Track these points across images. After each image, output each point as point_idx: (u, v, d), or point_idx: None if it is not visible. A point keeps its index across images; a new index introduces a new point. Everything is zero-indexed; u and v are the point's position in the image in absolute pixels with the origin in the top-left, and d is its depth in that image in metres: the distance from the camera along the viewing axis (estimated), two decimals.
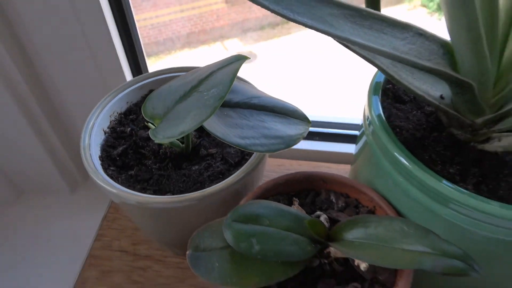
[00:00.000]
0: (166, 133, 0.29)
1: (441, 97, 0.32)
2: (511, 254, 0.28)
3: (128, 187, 0.34)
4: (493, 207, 0.25)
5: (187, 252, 0.28)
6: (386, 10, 0.29)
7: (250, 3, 0.22)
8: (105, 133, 0.39)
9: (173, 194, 0.34)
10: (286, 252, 0.26)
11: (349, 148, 0.56)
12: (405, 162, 0.29)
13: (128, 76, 0.52)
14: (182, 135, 0.28)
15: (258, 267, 0.26)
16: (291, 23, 0.23)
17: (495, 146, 0.31)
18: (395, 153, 0.29)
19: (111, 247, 0.45)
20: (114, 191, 0.32)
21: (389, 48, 0.27)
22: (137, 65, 0.53)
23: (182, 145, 0.36)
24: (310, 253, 0.26)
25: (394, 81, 0.30)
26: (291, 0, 0.24)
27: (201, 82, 0.30)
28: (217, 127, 0.30)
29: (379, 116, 0.32)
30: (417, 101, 0.37)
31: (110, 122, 0.40)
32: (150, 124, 0.35)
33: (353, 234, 0.26)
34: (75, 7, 0.43)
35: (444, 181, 0.27)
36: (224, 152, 0.37)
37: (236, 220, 0.27)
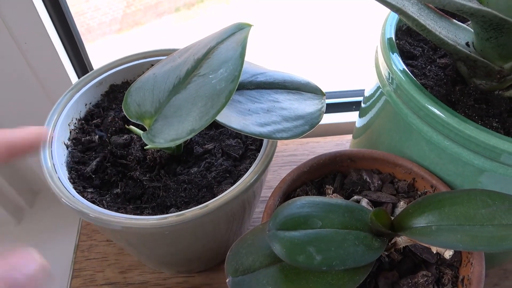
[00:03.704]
0: (168, 134, 0.22)
1: (467, 44, 0.29)
2: None
3: (118, 210, 0.27)
4: None
5: (227, 280, 0.22)
6: None
7: None
8: (67, 147, 0.30)
9: (178, 208, 0.28)
10: (353, 255, 0.21)
11: (332, 119, 0.52)
12: (450, 120, 0.25)
13: (71, 72, 0.43)
14: (192, 135, 0.22)
15: (321, 280, 0.21)
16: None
17: None
18: (437, 111, 0.25)
19: (95, 281, 0.37)
20: (114, 220, 0.24)
21: None
22: (78, 58, 0.44)
23: (173, 146, 0.30)
24: (379, 249, 0.22)
25: (425, 31, 0.26)
26: None
27: (199, 62, 0.24)
28: (230, 117, 0.24)
29: (403, 71, 0.28)
30: (426, 54, 0.33)
31: (70, 132, 0.31)
32: (132, 127, 0.28)
33: (426, 218, 0.22)
34: None
35: (503, 136, 0.24)
36: (224, 146, 0.31)
37: (281, 228, 0.22)
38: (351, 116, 0.53)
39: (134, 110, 0.25)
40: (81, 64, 0.44)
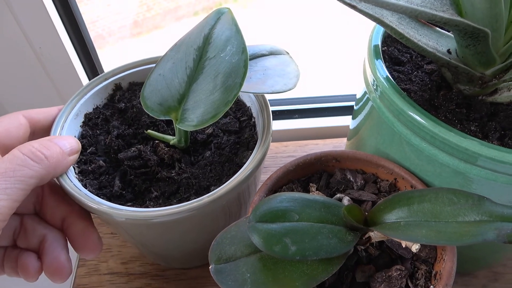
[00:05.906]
0: (205, 113, 0.26)
1: (448, 51, 0.30)
2: None
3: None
4: None
5: (210, 267, 0.24)
6: None
7: None
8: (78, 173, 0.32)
9: (215, 185, 0.30)
10: (326, 247, 0.23)
11: (331, 122, 0.54)
12: (426, 123, 0.26)
13: (82, 74, 0.46)
14: (229, 105, 0.25)
15: (296, 269, 0.23)
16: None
17: (506, 96, 0.30)
18: (414, 115, 0.27)
19: (98, 271, 0.39)
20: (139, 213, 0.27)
21: (404, 1, 0.24)
22: (88, 61, 0.47)
23: (182, 140, 0.32)
24: (351, 242, 0.23)
25: (404, 39, 0.27)
26: None
27: (202, 49, 0.26)
28: (246, 86, 0.26)
29: (387, 78, 0.29)
30: (414, 60, 0.34)
31: (74, 169, 0.31)
32: (151, 132, 0.30)
33: (396, 214, 0.23)
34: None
35: (474, 139, 0.25)
36: (220, 126, 0.34)
37: (260, 220, 0.23)
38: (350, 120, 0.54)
39: (157, 109, 0.27)
40: (92, 66, 0.47)
